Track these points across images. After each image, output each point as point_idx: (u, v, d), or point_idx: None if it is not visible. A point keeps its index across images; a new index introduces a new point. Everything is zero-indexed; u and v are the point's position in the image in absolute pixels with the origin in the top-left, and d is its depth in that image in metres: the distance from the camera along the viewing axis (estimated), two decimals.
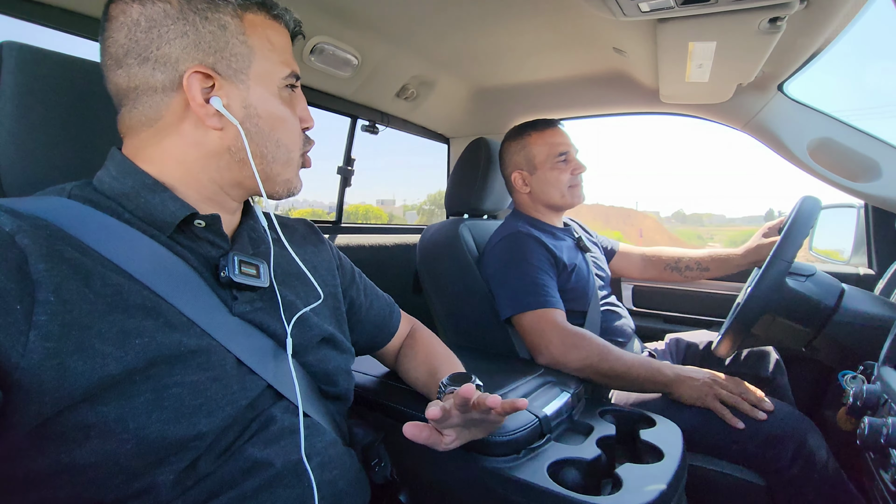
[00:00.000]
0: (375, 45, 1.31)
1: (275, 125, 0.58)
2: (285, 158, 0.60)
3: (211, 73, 0.53)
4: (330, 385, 0.66)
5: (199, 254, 0.56)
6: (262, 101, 0.57)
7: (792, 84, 1.31)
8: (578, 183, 1.33)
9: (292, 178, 0.62)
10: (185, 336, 0.49)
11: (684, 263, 1.51)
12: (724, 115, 1.43)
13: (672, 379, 1.04)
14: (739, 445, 0.98)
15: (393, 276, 1.69)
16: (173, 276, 0.51)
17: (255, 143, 0.57)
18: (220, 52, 0.54)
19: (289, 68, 0.59)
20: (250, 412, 0.54)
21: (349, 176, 1.74)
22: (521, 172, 1.35)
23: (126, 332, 0.45)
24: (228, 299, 0.56)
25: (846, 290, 1.01)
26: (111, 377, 0.43)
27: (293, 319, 0.60)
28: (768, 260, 0.99)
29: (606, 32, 1.19)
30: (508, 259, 1.21)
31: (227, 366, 0.52)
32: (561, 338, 1.09)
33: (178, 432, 0.46)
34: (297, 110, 0.62)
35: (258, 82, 0.56)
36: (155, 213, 0.53)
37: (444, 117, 1.88)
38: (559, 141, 1.32)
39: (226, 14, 0.54)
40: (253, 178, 0.58)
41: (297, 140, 0.62)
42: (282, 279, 0.64)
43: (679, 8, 0.86)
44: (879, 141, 1.27)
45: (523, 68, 1.52)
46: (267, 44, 0.57)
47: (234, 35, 0.54)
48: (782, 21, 0.89)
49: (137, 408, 0.44)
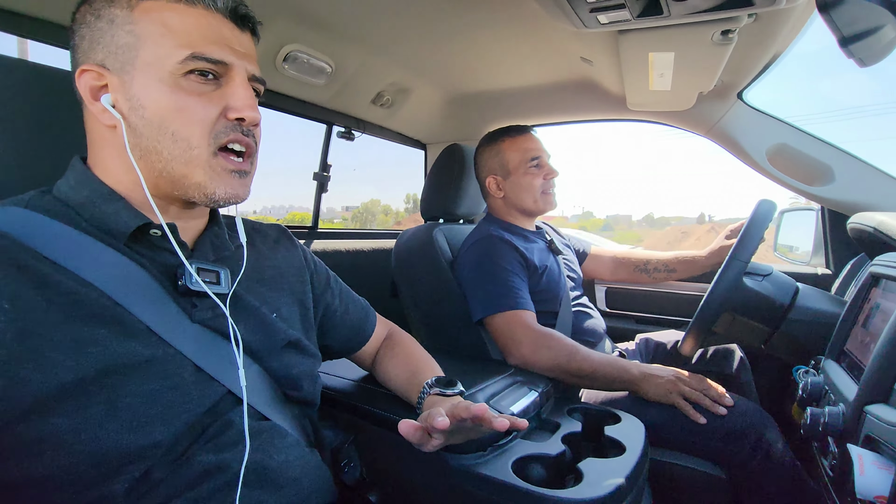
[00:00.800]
0: (349, 52, 1.33)
1: (165, 116, 0.52)
2: (186, 156, 0.53)
3: (100, 70, 0.52)
4: (294, 389, 0.66)
5: (158, 262, 0.56)
6: (147, 91, 0.51)
7: (751, 92, 1.37)
8: (550, 189, 1.37)
9: (205, 182, 0.54)
10: (142, 345, 0.49)
11: (652, 265, 1.56)
12: (687, 121, 1.49)
13: (638, 377, 1.07)
14: (702, 440, 1.01)
15: (370, 281, 1.70)
16: (132, 285, 0.51)
17: (146, 137, 0.52)
18: (107, 48, 0.52)
19: (187, 50, 0.51)
20: (208, 418, 0.54)
21: (325, 182, 1.75)
22: (496, 177, 1.38)
23: (80, 341, 0.45)
24: (188, 307, 0.56)
25: (800, 288, 1.06)
26: (63, 386, 0.43)
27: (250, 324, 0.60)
28: (726, 261, 1.04)
29: (573, 43, 1.23)
30: (480, 262, 1.23)
31: (185, 373, 0.52)
32: (531, 338, 1.11)
33: (133, 442, 0.46)
34: (227, 97, 0.55)
35: (144, 71, 0.51)
36: (109, 222, 0.53)
37: (420, 124, 1.90)
38: (532, 146, 1.35)
39: (118, 7, 0.52)
40: (172, 181, 0.54)
41: (200, 131, 0.53)
42: (247, 285, 0.64)
43: (635, 20, 0.90)
44: (833, 147, 1.33)
45: (496, 76, 1.55)
46: (160, 28, 0.51)
47: (120, 27, 0.52)
48: (734, 33, 0.94)
49: (91, 418, 0.44)
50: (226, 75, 0.55)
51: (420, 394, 0.76)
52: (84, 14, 0.53)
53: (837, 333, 0.81)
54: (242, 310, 0.61)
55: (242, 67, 0.56)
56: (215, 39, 0.53)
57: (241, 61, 0.56)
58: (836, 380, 0.71)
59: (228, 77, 0.55)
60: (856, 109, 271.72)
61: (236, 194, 0.57)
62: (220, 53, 0.53)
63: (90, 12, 0.53)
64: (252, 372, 0.60)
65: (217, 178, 0.55)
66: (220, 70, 0.54)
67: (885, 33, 0.63)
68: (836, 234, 1.42)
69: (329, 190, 1.78)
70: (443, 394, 0.74)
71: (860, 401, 0.59)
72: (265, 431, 0.58)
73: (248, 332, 0.61)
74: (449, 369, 0.87)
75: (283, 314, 0.68)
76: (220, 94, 0.54)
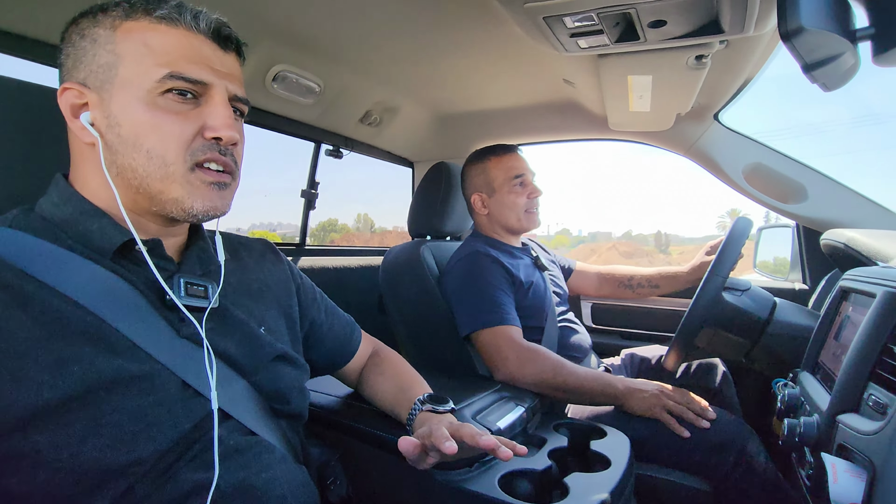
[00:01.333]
0: (337, 72, 1.36)
1: (140, 133, 0.52)
2: (161, 173, 0.53)
3: (80, 89, 0.53)
4: (282, 403, 0.66)
5: (144, 277, 0.56)
6: (124, 109, 0.52)
7: (726, 114, 1.42)
8: (534, 208, 1.39)
9: (182, 198, 0.54)
10: (128, 361, 0.49)
11: (636, 281, 1.59)
12: (667, 141, 1.54)
13: (622, 392, 1.08)
14: (686, 454, 1.03)
15: (357, 298, 1.70)
16: (117, 301, 0.51)
17: (122, 154, 0.53)
18: (89, 66, 0.53)
19: (165, 69, 0.52)
20: (194, 434, 0.53)
21: (313, 199, 1.76)
22: (481, 195, 1.40)
23: (64, 360, 0.45)
24: (175, 321, 0.56)
25: (778, 303, 1.09)
26: (46, 405, 0.43)
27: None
28: (705, 276, 1.06)
29: (555, 65, 1.27)
30: (467, 278, 1.25)
31: (171, 389, 0.52)
32: (516, 353, 1.12)
33: (116, 459, 0.46)
34: (204, 116, 0.55)
35: (122, 88, 0.52)
36: (94, 239, 0.54)
37: (407, 142, 1.93)
38: (516, 165, 1.38)
39: (102, 27, 0.53)
40: (149, 197, 0.54)
41: (175, 149, 0.53)
42: (234, 299, 0.64)
43: (613, 45, 0.94)
44: (805, 167, 1.38)
45: (482, 96, 1.59)
46: (140, 48, 0.52)
47: (102, 46, 0.53)
48: (707, 58, 0.98)
49: (73, 435, 0.44)
50: (205, 94, 0.56)
51: (411, 410, 0.76)
52: (71, 34, 0.55)
53: (811, 346, 0.84)
54: (229, 324, 0.61)
55: (223, 87, 0.56)
56: (195, 59, 0.54)
57: (222, 81, 0.56)
58: (811, 391, 0.73)
59: (208, 96, 0.56)
60: (819, 126, 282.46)
61: (214, 206, 0.57)
62: (199, 73, 0.54)
63: (76, 32, 0.55)
64: (239, 386, 0.60)
65: (195, 192, 0.55)
66: (199, 90, 0.55)
67: (844, 60, 0.67)
68: (811, 250, 1.47)
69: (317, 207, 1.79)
70: (434, 410, 0.75)
71: (832, 410, 0.61)
72: (252, 447, 0.57)
73: (235, 347, 0.61)
74: (435, 385, 0.87)
75: (271, 326, 0.68)
76: (197, 113, 0.55)
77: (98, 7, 0.55)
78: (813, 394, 0.72)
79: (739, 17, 0.82)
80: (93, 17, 0.54)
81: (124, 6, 0.54)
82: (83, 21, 0.55)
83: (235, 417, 0.58)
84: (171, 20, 0.54)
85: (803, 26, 0.60)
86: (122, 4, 0.54)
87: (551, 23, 0.89)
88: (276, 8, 1.01)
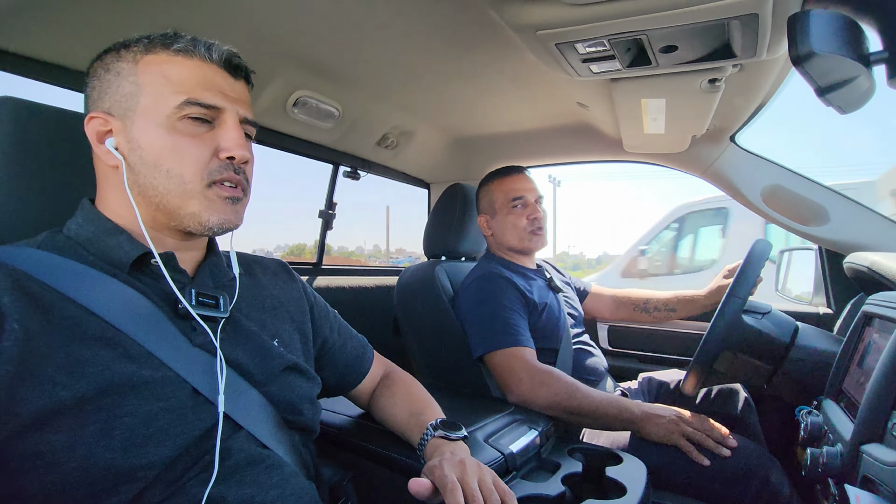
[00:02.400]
0: (356, 97, 1.40)
1: (160, 156, 0.57)
2: (180, 190, 0.58)
3: (105, 117, 0.58)
4: (294, 414, 0.67)
5: (159, 289, 0.59)
6: (145, 133, 0.57)
7: (743, 135, 1.41)
8: (537, 229, 1.38)
9: (200, 212, 0.59)
10: (142, 367, 0.52)
11: (652, 305, 1.57)
12: (683, 163, 1.53)
13: (639, 417, 1.06)
14: (706, 483, 0.99)
15: (373, 318, 1.71)
16: (132, 311, 0.54)
17: (143, 174, 0.58)
18: (112, 97, 0.58)
19: (182, 96, 0.57)
20: (204, 443, 0.55)
21: (330, 220, 1.79)
22: (486, 216, 1.43)
23: (81, 362, 0.48)
24: (188, 330, 0.58)
25: (800, 327, 1.07)
26: (61, 404, 0.45)
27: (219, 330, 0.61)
28: (724, 298, 1.05)
29: (569, 89, 1.29)
30: (480, 299, 1.25)
31: (182, 396, 0.54)
32: (529, 376, 1.11)
33: (126, 462, 0.48)
34: (218, 138, 0.60)
35: (143, 115, 0.58)
36: (112, 254, 0.58)
37: (424, 164, 1.96)
38: (517, 187, 1.39)
39: (125, 61, 0.59)
40: (169, 213, 0.59)
41: (193, 169, 0.58)
42: (247, 312, 0.67)
43: (626, 70, 0.95)
44: (826, 188, 1.36)
45: (497, 119, 1.61)
46: (160, 78, 0.58)
47: (125, 78, 0.58)
48: (720, 82, 0.99)
49: (86, 437, 0.46)
50: (218, 118, 0.61)
51: (423, 435, 0.76)
52: (96, 68, 0.61)
53: (835, 373, 0.81)
54: (241, 335, 0.63)
55: (234, 111, 0.61)
56: (209, 87, 0.59)
57: (233, 105, 0.61)
58: (835, 419, 0.70)
59: (221, 120, 0.61)
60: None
61: (229, 220, 0.61)
62: (213, 99, 0.59)
63: (101, 66, 0.60)
64: (251, 397, 0.61)
65: (211, 207, 0.60)
66: (213, 114, 0.60)
67: (859, 83, 0.66)
68: (835, 273, 1.43)
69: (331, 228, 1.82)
70: (447, 437, 0.74)
71: (856, 440, 0.59)
72: (263, 460, 0.58)
73: (246, 357, 0.63)
74: (449, 406, 0.87)
75: (285, 339, 0.70)
76: (212, 136, 0.60)
77: (120, 44, 0.61)
78: (836, 422, 0.69)
79: (751, 42, 0.82)
80: (116, 53, 0.60)
81: (144, 42, 0.60)
82: (107, 56, 0.60)
83: (247, 429, 0.59)
84: (186, 52, 0.59)
85: (814, 51, 0.60)
86: (143, 40, 0.60)
87: (563, 49, 0.91)
88: (297, 37, 1.06)
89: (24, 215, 0.64)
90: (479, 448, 0.84)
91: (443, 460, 0.64)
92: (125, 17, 0.89)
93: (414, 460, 0.78)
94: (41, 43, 0.92)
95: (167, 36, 0.60)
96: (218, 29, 0.99)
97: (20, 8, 0.81)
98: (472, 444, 0.84)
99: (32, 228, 0.61)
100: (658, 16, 0.79)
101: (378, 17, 0.97)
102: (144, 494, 0.49)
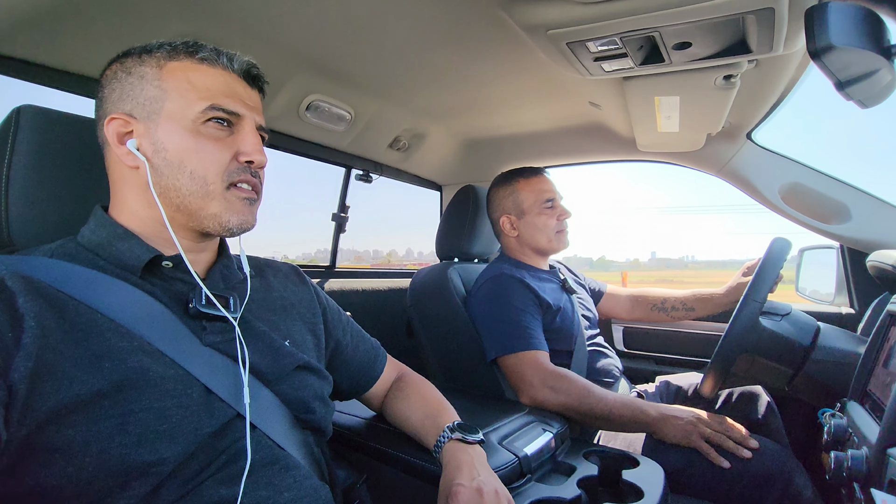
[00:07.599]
0: (367, 101, 1.41)
1: (184, 157, 0.59)
2: (202, 191, 0.60)
3: (127, 118, 0.60)
4: (307, 413, 0.67)
5: (170, 291, 0.60)
6: (170, 136, 0.59)
7: (759, 132, 1.39)
8: (564, 229, 1.39)
9: (220, 213, 0.61)
10: (155, 363, 0.53)
11: (670, 304, 1.54)
12: (699, 162, 1.51)
13: (656, 418, 1.04)
14: (726, 486, 0.97)
15: (387, 320, 1.72)
16: (143, 312, 0.56)
17: (166, 176, 0.59)
18: (136, 99, 0.60)
19: (207, 102, 0.60)
20: (218, 442, 0.55)
21: (343, 223, 1.80)
22: (510, 217, 1.40)
23: (97, 356, 0.49)
24: (199, 330, 0.60)
25: (821, 328, 1.04)
26: (78, 399, 0.46)
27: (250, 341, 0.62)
28: (741, 301, 1.02)
29: (581, 88, 1.28)
30: (493, 301, 1.24)
31: (193, 394, 0.55)
32: (542, 378, 1.10)
33: (140, 457, 0.48)
34: (238, 143, 0.62)
35: (168, 119, 0.59)
36: (123, 258, 0.59)
37: (435, 166, 1.96)
38: (546, 188, 1.39)
39: (148, 66, 0.61)
40: (189, 213, 0.60)
41: (215, 170, 0.60)
42: (258, 314, 0.67)
43: (638, 68, 0.94)
44: (847, 185, 1.33)
45: (509, 120, 1.61)
46: (184, 84, 0.60)
47: (149, 82, 0.60)
48: (736, 78, 0.97)
49: (102, 431, 0.47)
50: (237, 124, 0.63)
51: (438, 438, 0.76)
52: (115, 71, 0.62)
53: (859, 374, 0.79)
54: (251, 335, 0.64)
55: (251, 118, 0.64)
56: (230, 94, 0.62)
57: (251, 113, 0.64)
58: (860, 422, 0.68)
59: (239, 126, 0.63)
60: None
61: (247, 220, 0.64)
62: (234, 106, 0.62)
63: (121, 70, 0.61)
64: (263, 396, 0.62)
65: (231, 208, 0.62)
66: (233, 119, 0.63)
67: (881, 77, 0.65)
68: (857, 272, 1.40)
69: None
70: (464, 440, 0.75)
71: (882, 443, 0.57)
72: (278, 461, 0.59)
73: (257, 356, 0.63)
74: (463, 408, 0.87)
75: (296, 339, 0.70)
76: (231, 140, 0.63)
77: (141, 48, 0.62)
78: (861, 425, 0.67)
79: (767, 37, 0.81)
80: (138, 57, 0.61)
81: (166, 48, 0.61)
82: (128, 60, 0.62)
83: (261, 429, 0.59)
84: (210, 61, 0.62)
85: (833, 44, 0.59)
86: (164, 46, 0.62)
87: (575, 48, 0.91)
88: (310, 42, 1.07)
89: (44, 222, 0.65)
90: (494, 450, 0.83)
91: (460, 486, 0.64)
92: (141, 26, 0.91)
93: (428, 463, 0.78)
94: (61, 52, 0.94)
95: (189, 44, 0.62)
96: (232, 36, 1.00)
97: (40, 19, 0.84)
98: (487, 446, 0.83)
99: (52, 235, 0.63)
100: (671, 12, 0.78)
101: (388, 20, 0.98)
102: (159, 492, 0.50)
